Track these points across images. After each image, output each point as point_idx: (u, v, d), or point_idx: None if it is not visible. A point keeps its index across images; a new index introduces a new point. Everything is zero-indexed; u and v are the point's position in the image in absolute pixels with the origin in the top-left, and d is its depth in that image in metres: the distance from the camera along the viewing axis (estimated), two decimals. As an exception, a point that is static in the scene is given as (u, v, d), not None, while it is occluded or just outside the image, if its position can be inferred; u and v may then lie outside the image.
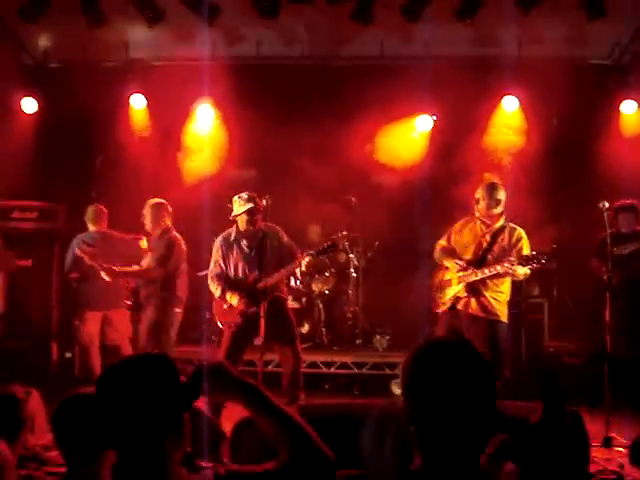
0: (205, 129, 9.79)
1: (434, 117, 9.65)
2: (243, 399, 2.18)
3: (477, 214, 6.71)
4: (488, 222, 6.63)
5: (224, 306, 6.78)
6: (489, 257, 6.52)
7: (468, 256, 6.62)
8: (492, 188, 6.61)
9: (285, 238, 6.92)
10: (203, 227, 8.13)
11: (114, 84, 9.40)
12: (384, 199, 9.33)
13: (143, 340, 7.23)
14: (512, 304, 7.84)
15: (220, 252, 6.91)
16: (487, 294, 6.47)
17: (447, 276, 6.72)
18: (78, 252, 7.46)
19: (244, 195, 6.74)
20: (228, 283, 6.81)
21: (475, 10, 7.93)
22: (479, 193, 6.67)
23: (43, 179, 9.50)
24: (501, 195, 6.59)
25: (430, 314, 7.75)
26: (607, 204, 6.46)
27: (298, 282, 9.21)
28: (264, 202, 6.86)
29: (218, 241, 6.98)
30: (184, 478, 2.11)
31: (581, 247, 8.12)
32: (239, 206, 6.74)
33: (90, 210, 7.97)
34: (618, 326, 6.62)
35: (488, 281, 6.45)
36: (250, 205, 6.67)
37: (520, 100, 9.40)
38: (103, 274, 7.24)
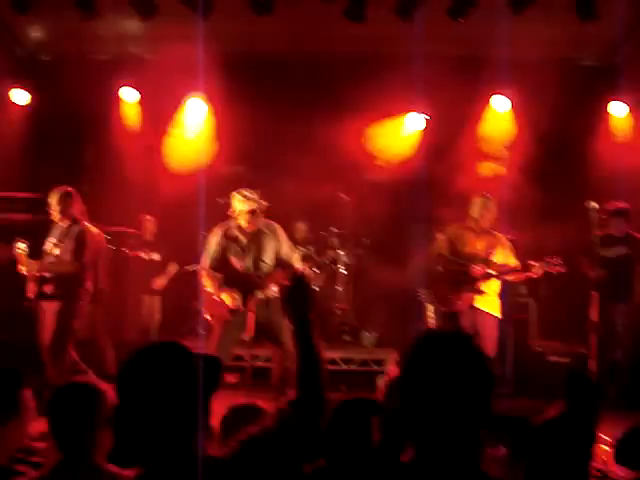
0: (196, 123, 9.79)
1: (426, 116, 9.69)
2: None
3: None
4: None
5: (215, 299, 6.73)
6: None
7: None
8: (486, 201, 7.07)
9: (283, 236, 6.87)
10: (192, 221, 8.14)
11: (106, 77, 9.40)
12: (374, 196, 9.35)
13: (49, 332, 7.03)
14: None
15: (217, 244, 6.80)
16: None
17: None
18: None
19: (246, 193, 6.65)
20: (223, 278, 6.79)
21: (467, 10, 7.96)
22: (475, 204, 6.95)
23: (34, 171, 9.49)
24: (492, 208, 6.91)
25: (419, 311, 7.82)
26: (595, 205, 6.54)
27: None
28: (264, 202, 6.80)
29: (215, 233, 6.87)
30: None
31: (568, 247, 8.16)
32: (240, 203, 6.65)
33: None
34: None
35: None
36: (253, 205, 6.64)
37: (511, 100, 9.46)
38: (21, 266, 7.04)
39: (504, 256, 7.15)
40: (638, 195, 8.79)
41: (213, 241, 6.85)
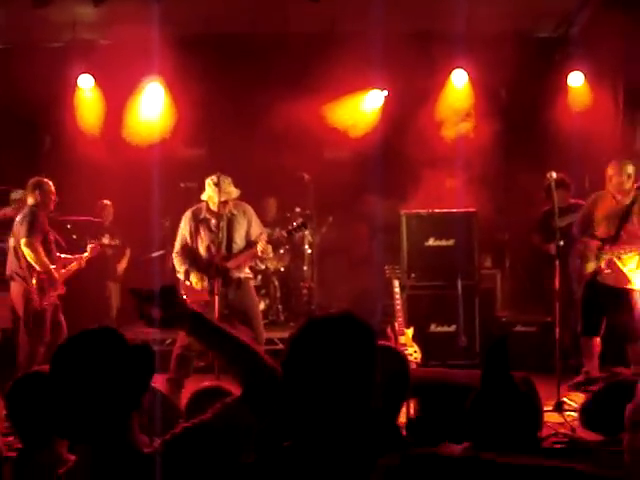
0: (154, 108, 9.70)
1: (385, 92, 9.70)
2: (191, 326, 2.20)
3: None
4: (619, 198, 6.85)
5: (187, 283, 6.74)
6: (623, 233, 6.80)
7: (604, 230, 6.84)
8: (622, 164, 6.85)
9: (253, 216, 6.95)
10: (152, 208, 8.10)
11: (61, 65, 9.25)
12: (337, 175, 9.34)
13: None
14: (465, 275, 8.03)
15: (188, 227, 6.83)
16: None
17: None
18: None
19: (221, 182, 6.63)
20: (193, 262, 6.78)
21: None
22: (610, 170, 6.86)
23: (-10, 162, 9.35)
24: (631, 170, 6.78)
25: (385, 287, 7.86)
26: (555, 174, 6.61)
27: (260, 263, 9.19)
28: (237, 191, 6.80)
29: (186, 216, 6.89)
30: (147, 445, 2.12)
31: (531, 217, 8.26)
32: (214, 193, 6.66)
33: None
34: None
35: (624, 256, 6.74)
36: (226, 197, 6.66)
37: (469, 74, 9.50)
38: None
39: None
40: (597, 163, 8.91)
41: (183, 224, 6.89)
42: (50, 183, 7.26)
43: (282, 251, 9.54)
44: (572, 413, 5.99)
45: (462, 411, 2.47)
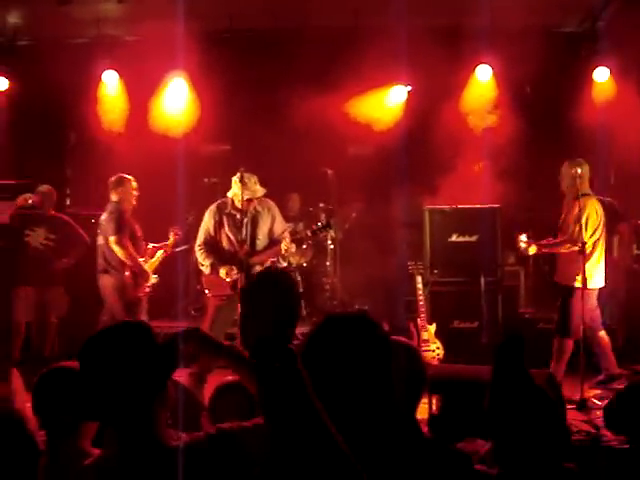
0: (178, 103, 9.73)
1: (409, 87, 9.67)
2: (226, 360, 2.21)
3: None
4: None
5: (213, 276, 6.78)
6: None
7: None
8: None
9: (278, 215, 7.02)
10: (176, 203, 8.13)
11: (85, 61, 9.31)
12: (360, 170, 9.33)
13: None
14: (489, 271, 8.00)
15: (212, 221, 6.91)
16: None
17: None
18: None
19: (247, 181, 6.70)
20: (218, 255, 6.83)
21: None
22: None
23: (16, 157, 9.43)
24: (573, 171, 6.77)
25: (408, 283, 7.84)
26: (580, 170, 6.57)
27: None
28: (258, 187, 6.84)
29: (211, 210, 6.98)
30: (173, 438, 2.15)
31: (556, 214, 8.19)
32: (239, 189, 6.72)
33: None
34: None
35: None
36: (251, 195, 6.73)
37: (493, 69, 9.44)
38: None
39: None
40: (622, 159, 8.84)
41: (207, 217, 6.97)
42: (132, 179, 7.55)
43: (305, 246, 9.55)
44: (596, 411, 5.96)
45: (482, 408, 2.46)
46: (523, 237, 6.82)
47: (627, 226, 8.16)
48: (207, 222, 6.96)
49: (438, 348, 7.30)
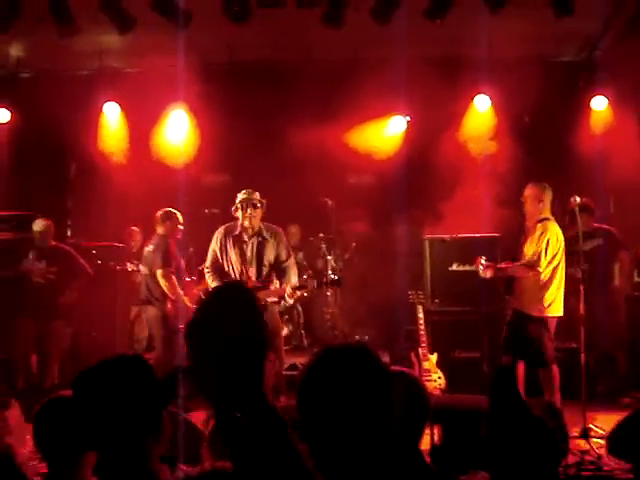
0: (179, 135, 9.79)
1: (408, 118, 9.73)
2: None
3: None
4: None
5: None
6: None
7: None
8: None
9: (284, 240, 7.09)
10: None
11: (87, 92, 9.39)
12: (360, 200, 9.38)
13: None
14: (490, 301, 7.99)
15: (219, 243, 6.98)
16: None
17: None
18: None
19: (249, 190, 6.91)
20: (225, 278, 6.85)
21: (444, 10, 7.98)
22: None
23: (17, 189, 9.46)
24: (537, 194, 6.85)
25: (409, 313, 7.82)
26: (578, 199, 6.58)
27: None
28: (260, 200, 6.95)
29: (219, 232, 7.06)
30: (166, 474, 2.14)
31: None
32: (242, 195, 6.89)
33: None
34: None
35: None
36: (243, 196, 6.82)
37: (492, 99, 9.50)
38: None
39: None
40: (620, 188, 8.86)
41: (214, 237, 7.05)
42: (178, 214, 7.77)
43: (305, 276, 9.54)
44: (599, 440, 5.92)
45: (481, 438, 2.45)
46: (482, 260, 6.82)
47: (627, 254, 8.17)
48: (214, 244, 7.03)
49: (440, 378, 7.27)
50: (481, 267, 6.80)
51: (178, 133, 9.78)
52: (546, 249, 6.59)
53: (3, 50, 9.55)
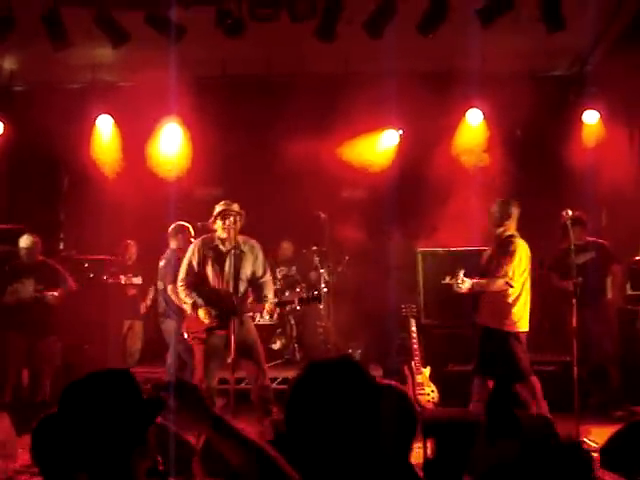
0: (172, 148, 9.80)
1: (400, 131, 9.76)
2: (211, 429, 2.11)
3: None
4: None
5: (193, 316, 6.75)
6: None
7: None
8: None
9: (261, 255, 6.97)
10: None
11: (80, 105, 9.41)
12: (353, 213, 9.38)
13: None
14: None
15: (197, 255, 6.83)
16: None
17: None
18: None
19: (221, 202, 6.82)
20: (200, 293, 6.78)
21: (437, 25, 8.01)
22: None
23: (10, 202, 9.45)
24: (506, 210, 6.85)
25: (402, 326, 7.82)
26: (571, 212, 6.60)
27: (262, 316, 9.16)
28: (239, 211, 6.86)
29: (195, 244, 6.92)
30: None
31: (546, 256, 8.22)
32: (220, 207, 6.79)
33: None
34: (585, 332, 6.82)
35: None
36: (222, 207, 6.74)
37: (484, 112, 9.54)
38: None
39: None
40: (612, 201, 8.89)
41: (191, 249, 6.92)
42: (190, 228, 7.80)
43: (298, 289, 9.54)
44: (592, 453, 5.90)
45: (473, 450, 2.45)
46: (461, 274, 6.81)
47: (620, 267, 8.18)
48: (190, 257, 6.87)
49: (433, 392, 7.26)
50: (459, 280, 6.78)
51: (171, 146, 9.80)
52: (518, 265, 6.61)
53: (-5, 63, 9.57)
